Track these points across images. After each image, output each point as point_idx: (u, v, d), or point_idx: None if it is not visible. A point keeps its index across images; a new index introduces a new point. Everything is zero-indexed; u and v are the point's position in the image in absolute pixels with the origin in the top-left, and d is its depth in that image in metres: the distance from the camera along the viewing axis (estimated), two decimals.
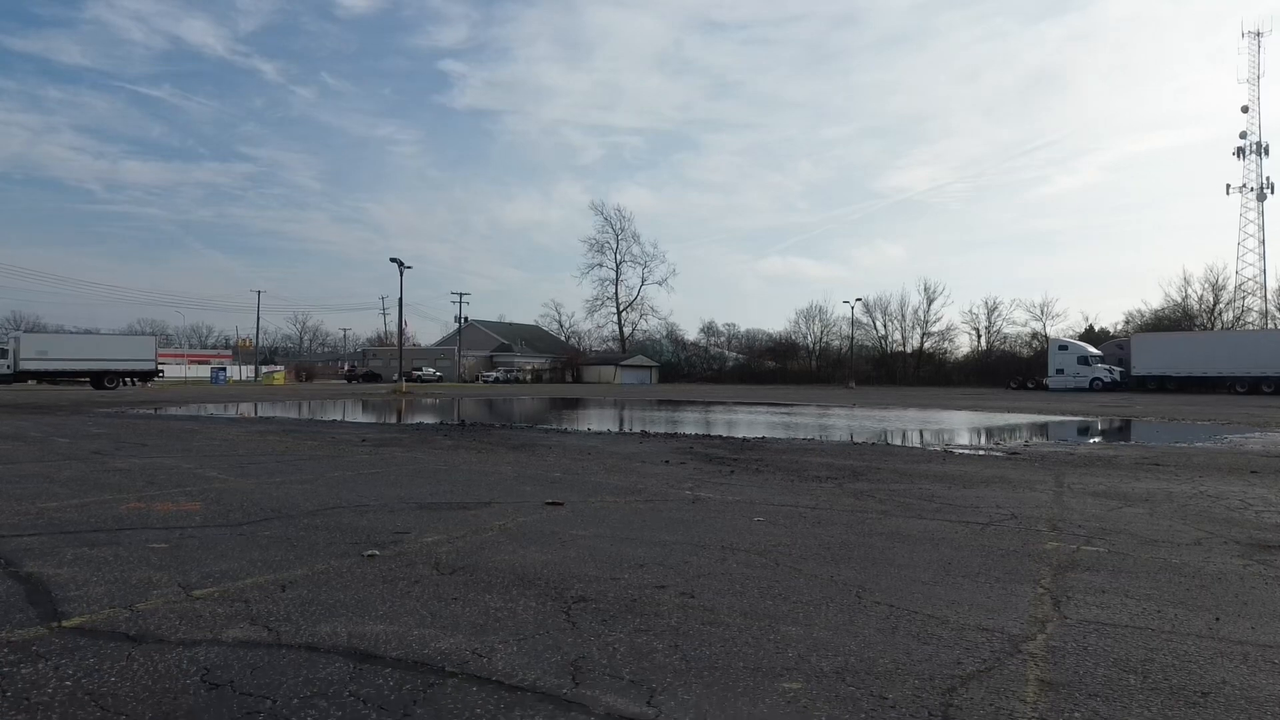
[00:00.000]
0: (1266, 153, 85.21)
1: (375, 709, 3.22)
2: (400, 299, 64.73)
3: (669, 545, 6.53)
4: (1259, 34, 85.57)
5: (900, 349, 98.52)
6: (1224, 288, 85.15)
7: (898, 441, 17.23)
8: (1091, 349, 66.90)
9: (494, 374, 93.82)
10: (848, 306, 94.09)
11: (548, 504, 8.69)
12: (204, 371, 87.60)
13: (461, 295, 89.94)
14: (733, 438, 17.94)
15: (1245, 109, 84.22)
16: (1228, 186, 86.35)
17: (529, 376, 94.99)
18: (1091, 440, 19.41)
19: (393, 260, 50.37)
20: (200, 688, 3.43)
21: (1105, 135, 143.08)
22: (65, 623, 4.29)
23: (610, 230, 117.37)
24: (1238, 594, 5.39)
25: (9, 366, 51.89)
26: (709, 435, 18.34)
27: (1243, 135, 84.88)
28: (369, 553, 6.02)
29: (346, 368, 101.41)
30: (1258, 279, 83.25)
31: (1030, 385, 68.59)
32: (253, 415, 26.18)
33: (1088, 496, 9.73)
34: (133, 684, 3.46)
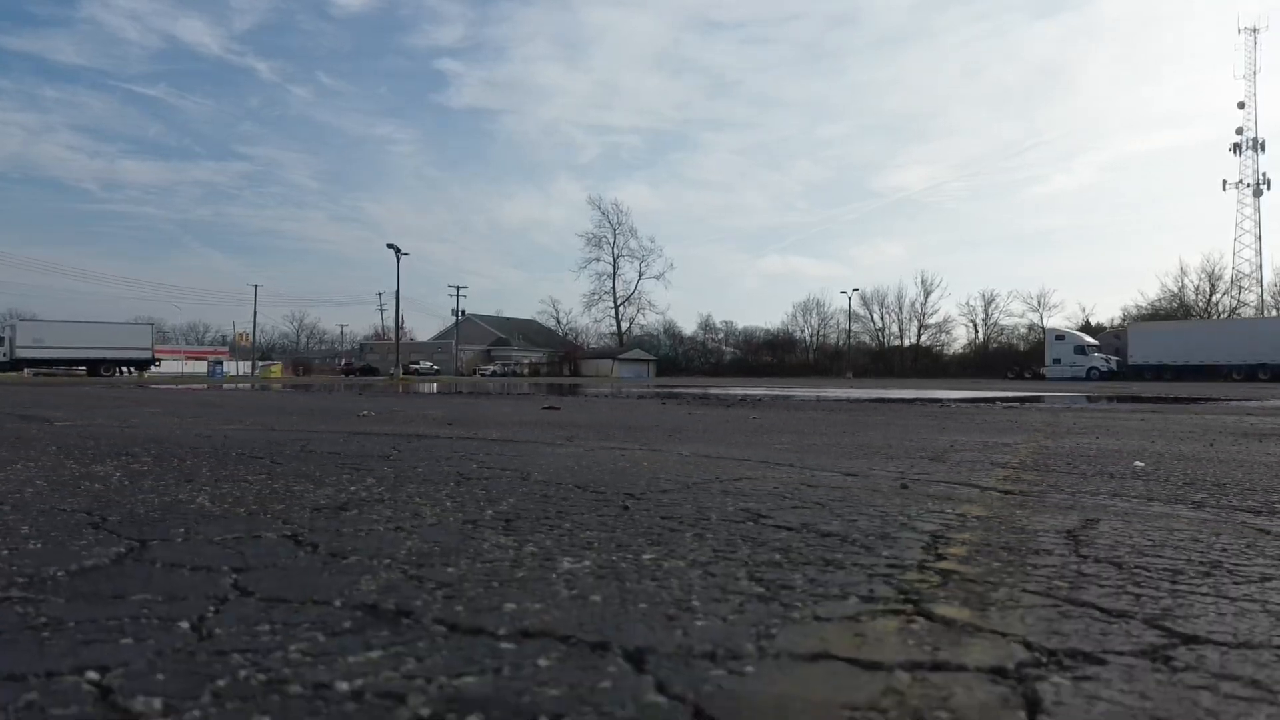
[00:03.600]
0: (1263, 149, 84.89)
1: (358, 445, 3.24)
2: (397, 290, 64.19)
3: (658, 421, 6.56)
4: (1255, 30, 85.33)
5: (897, 342, 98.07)
6: (1220, 278, 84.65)
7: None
8: (1088, 339, 66.73)
9: (491, 367, 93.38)
10: (845, 299, 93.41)
11: (544, 409, 8.71)
12: (201, 367, 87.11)
13: (459, 289, 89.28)
14: (729, 396, 18.05)
15: (1242, 105, 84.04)
16: (1224, 182, 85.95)
17: (526, 370, 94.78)
18: (1088, 400, 19.46)
19: (389, 246, 50.28)
20: (189, 439, 3.44)
21: (1103, 134, 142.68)
22: (58, 424, 4.30)
23: (608, 224, 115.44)
24: (1232, 445, 5.41)
25: (5, 355, 51.47)
26: (706, 397, 18.49)
27: (1239, 131, 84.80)
28: (363, 413, 6.03)
29: (343, 362, 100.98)
30: (1254, 275, 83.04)
31: (1027, 375, 68.47)
32: (249, 390, 26.29)
33: (1083, 417, 9.76)
34: (123, 437, 3.47)
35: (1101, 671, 0.83)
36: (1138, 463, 3.20)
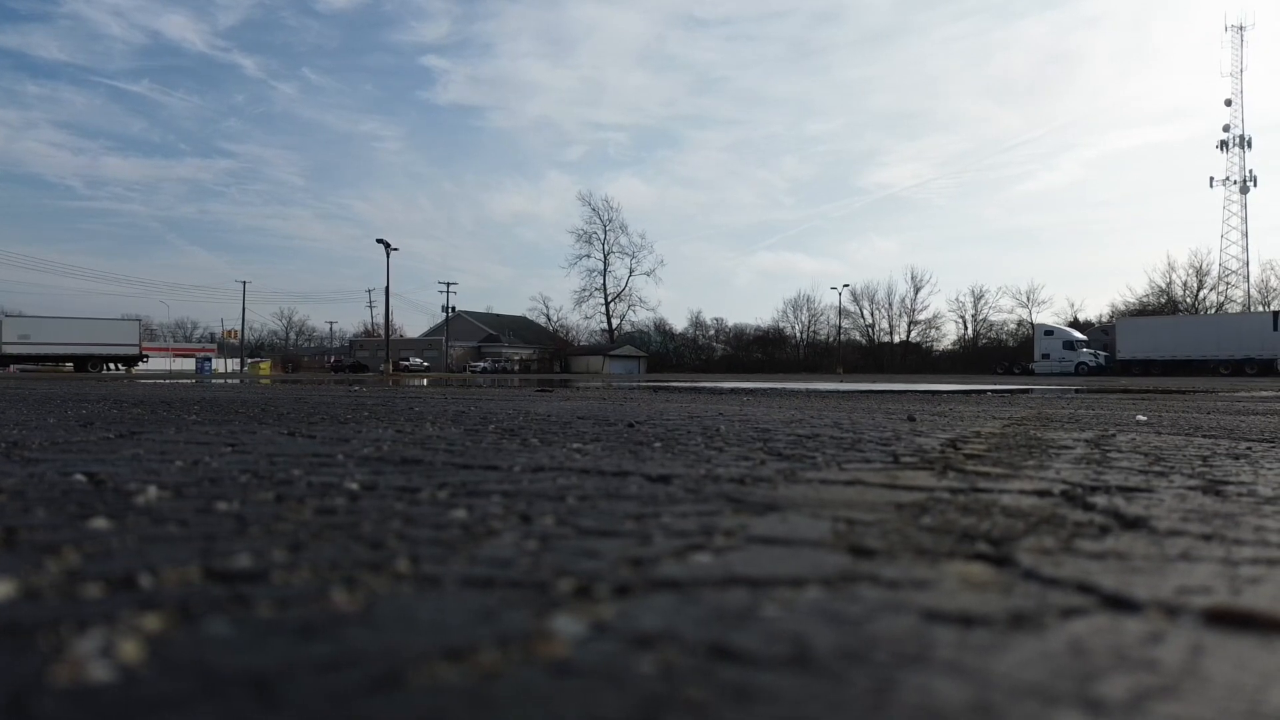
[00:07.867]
0: (1249, 145, 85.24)
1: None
2: (387, 286, 63.75)
3: (649, 405, 6.52)
4: (1242, 27, 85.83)
5: (888, 338, 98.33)
6: (1207, 273, 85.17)
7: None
8: (1077, 334, 66.91)
9: (482, 364, 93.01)
10: (835, 295, 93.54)
11: (537, 391, 8.66)
12: (189, 364, 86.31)
13: (449, 284, 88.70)
14: (719, 388, 18.23)
15: (1229, 102, 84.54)
16: (1211, 179, 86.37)
17: (517, 366, 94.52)
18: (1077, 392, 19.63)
19: (379, 241, 49.87)
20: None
21: (1090, 131, 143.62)
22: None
23: (598, 221, 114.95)
24: (1228, 415, 5.40)
25: None
26: (696, 388, 18.54)
27: (1226, 128, 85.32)
28: (354, 386, 5.98)
29: (333, 359, 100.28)
30: (1241, 270, 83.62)
31: (1016, 370, 68.77)
32: (236, 384, 26.22)
33: (1077, 400, 9.78)
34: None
35: (1153, 496, 0.79)
36: (1140, 416, 3.19)
